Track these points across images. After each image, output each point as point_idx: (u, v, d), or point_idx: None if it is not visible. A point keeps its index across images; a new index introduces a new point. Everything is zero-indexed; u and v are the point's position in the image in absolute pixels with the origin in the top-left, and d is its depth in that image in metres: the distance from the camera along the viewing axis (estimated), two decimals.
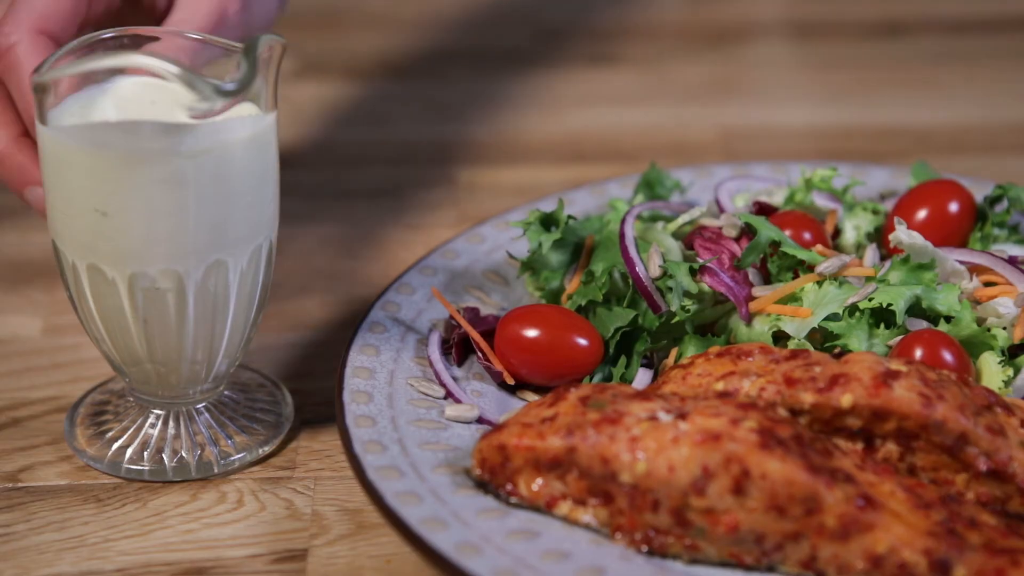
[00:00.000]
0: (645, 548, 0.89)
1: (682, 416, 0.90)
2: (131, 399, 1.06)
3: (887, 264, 1.06)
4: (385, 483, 0.91)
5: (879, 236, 1.16)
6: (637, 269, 1.07)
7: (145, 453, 1.02)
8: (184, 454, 1.02)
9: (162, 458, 1.02)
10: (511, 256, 1.17)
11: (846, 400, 0.91)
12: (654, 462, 0.88)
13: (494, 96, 1.73)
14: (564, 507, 0.91)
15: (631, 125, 1.64)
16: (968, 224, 1.15)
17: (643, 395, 0.93)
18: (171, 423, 1.03)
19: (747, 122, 1.64)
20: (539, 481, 0.92)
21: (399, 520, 0.88)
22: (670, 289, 1.05)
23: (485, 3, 2.01)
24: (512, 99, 1.72)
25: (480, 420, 1.01)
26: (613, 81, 1.77)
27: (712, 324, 1.09)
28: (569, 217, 1.13)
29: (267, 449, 1.04)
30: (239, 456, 1.03)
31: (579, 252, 1.15)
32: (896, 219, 1.06)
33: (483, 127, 1.64)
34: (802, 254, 1.06)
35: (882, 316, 1.02)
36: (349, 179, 1.51)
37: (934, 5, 1.92)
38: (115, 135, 0.92)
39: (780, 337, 1.04)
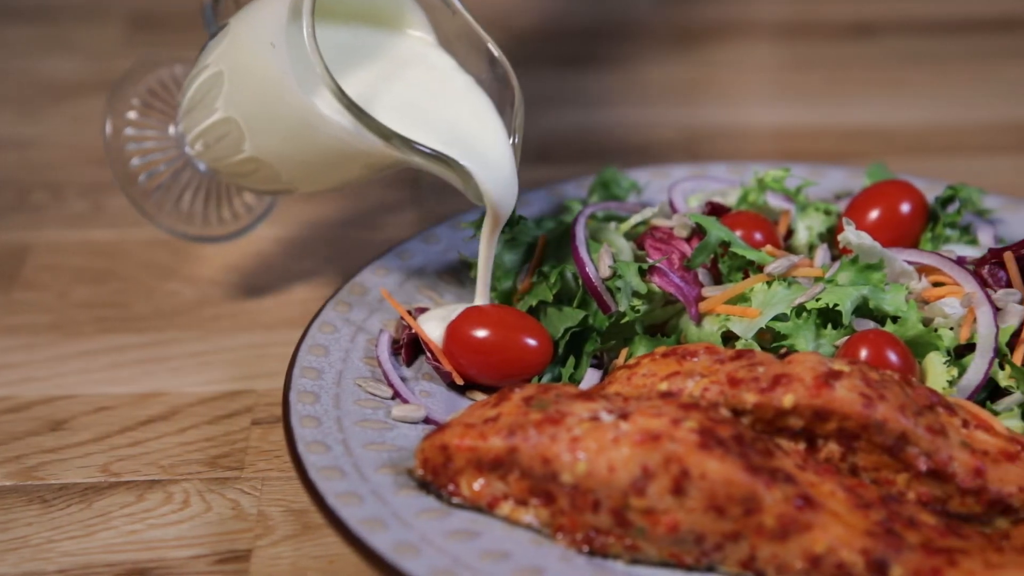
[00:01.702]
0: (586, 548, 0.89)
1: (624, 416, 0.90)
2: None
3: (836, 264, 1.06)
4: (327, 483, 0.91)
5: (831, 236, 1.16)
6: (587, 269, 1.07)
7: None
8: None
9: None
10: (463, 256, 1.17)
11: (788, 400, 0.91)
12: (594, 462, 0.88)
13: None
14: (506, 507, 0.91)
15: (598, 126, 1.64)
16: (919, 225, 1.15)
17: (586, 395, 0.93)
18: None
19: (713, 123, 1.64)
20: (481, 481, 0.92)
21: (339, 520, 0.88)
22: (619, 289, 1.05)
23: None
24: None
25: (427, 420, 1.01)
26: (582, 82, 1.77)
27: (663, 324, 1.09)
28: (520, 218, 1.13)
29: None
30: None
31: (532, 252, 1.15)
32: (845, 220, 1.06)
33: None
34: (752, 254, 1.06)
35: (829, 316, 1.02)
36: None
37: (904, 6, 1.93)
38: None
39: (729, 337, 1.04)
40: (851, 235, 1.05)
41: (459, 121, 1.05)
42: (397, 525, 0.88)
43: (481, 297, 1.08)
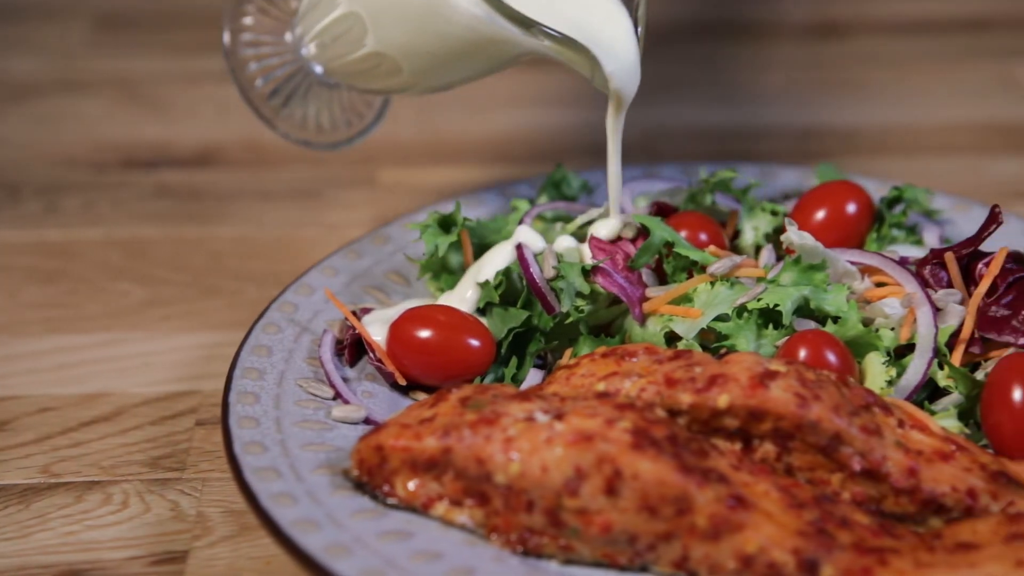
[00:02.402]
0: (520, 549, 0.89)
1: (559, 417, 0.90)
2: None
3: (779, 265, 1.06)
4: (262, 484, 0.91)
5: (778, 237, 1.16)
6: (531, 270, 1.07)
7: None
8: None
9: None
10: (409, 258, 1.17)
11: (723, 400, 0.91)
12: (528, 463, 0.88)
13: (426, 97, 1.72)
14: (440, 508, 0.91)
15: (559, 126, 1.64)
16: (865, 225, 1.15)
17: (523, 396, 0.93)
18: None
19: (673, 122, 1.64)
20: (416, 482, 0.92)
21: (271, 521, 0.88)
22: (563, 290, 1.05)
23: None
24: (441, 99, 1.72)
25: (368, 421, 1.01)
26: (544, 82, 1.77)
27: (608, 325, 1.09)
28: (465, 219, 1.13)
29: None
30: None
31: (482, 253, 1.15)
32: (787, 220, 1.06)
33: (410, 128, 1.64)
34: (695, 255, 1.07)
35: (770, 317, 1.02)
36: (269, 179, 1.51)
37: (868, 7, 1.93)
38: None
39: (673, 338, 1.05)
40: (793, 235, 1.05)
41: (586, 10, 1.07)
42: (330, 526, 0.88)
43: (614, 196, 1.11)
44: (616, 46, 1.06)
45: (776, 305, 1.01)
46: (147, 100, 1.69)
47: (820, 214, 1.14)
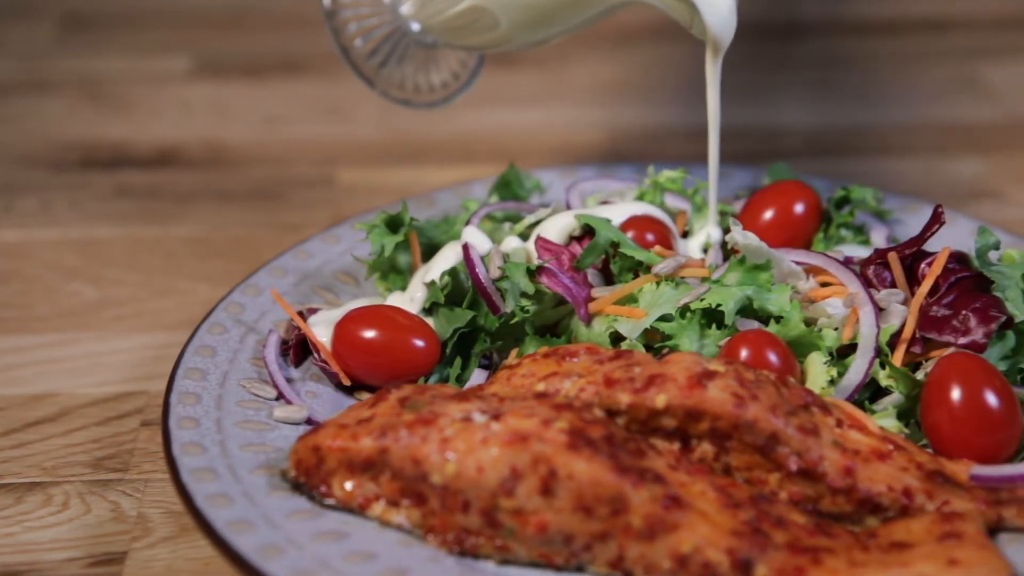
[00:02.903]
0: (457, 549, 0.89)
1: (496, 417, 0.90)
2: None
3: (725, 265, 1.06)
4: (198, 485, 0.91)
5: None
6: (477, 270, 1.07)
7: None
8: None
9: None
10: (356, 258, 1.17)
11: (660, 400, 0.92)
12: (463, 463, 0.88)
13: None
14: (377, 508, 0.91)
15: (524, 126, 1.64)
16: (813, 225, 1.15)
17: (462, 396, 0.93)
18: None
19: (638, 123, 1.64)
20: (352, 482, 0.92)
21: (206, 522, 0.87)
22: (508, 290, 1.05)
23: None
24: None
25: (309, 421, 1.01)
26: (511, 82, 1.77)
27: (554, 325, 1.09)
28: (412, 219, 1.13)
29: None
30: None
31: (432, 254, 1.15)
32: (731, 220, 1.06)
33: (374, 128, 1.64)
34: (640, 255, 1.07)
35: (714, 317, 1.02)
36: (229, 179, 1.51)
37: (834, 7, 1.93)
38: None
39: (618, 338, 1.05)
40: (738, 235, 1.05)
41: None
42: (265, 526, 0.88)
43: (713, 146, 1.13)
44: None
45: (719, 305, 1.01)
46: (110, 100, 1.69)
47: (768, 214, 1.15)
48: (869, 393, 1.01)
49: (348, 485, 0.92)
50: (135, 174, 1.51)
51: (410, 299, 1.11)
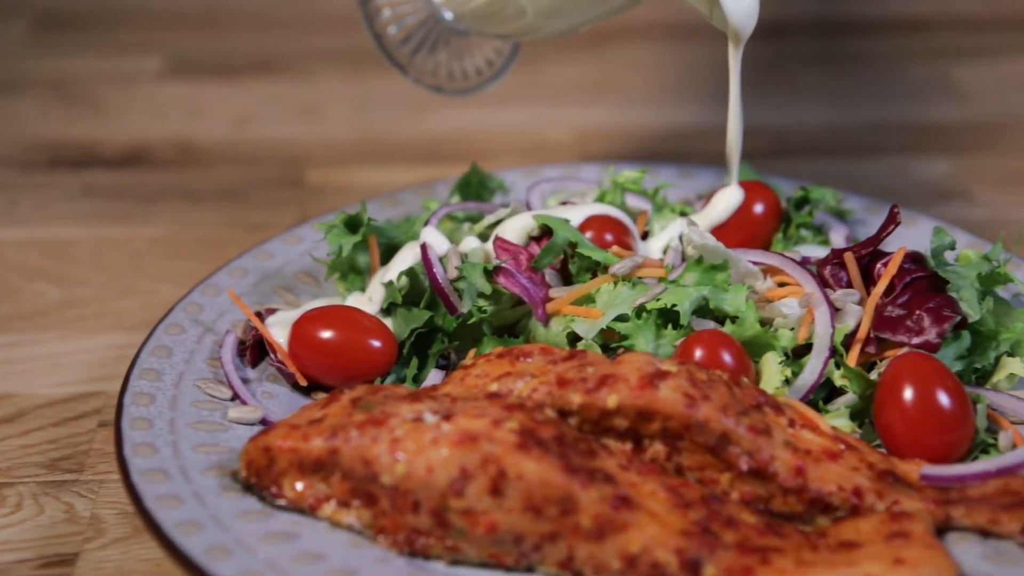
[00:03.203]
0: (407, 550, 0.89)
1: (447, 417, 0.90)
2: None
3: (683, 265, 1.06)
4: (148, 486, 0.90)
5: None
6: (434, 270, 1.07)
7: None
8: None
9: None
10: (315, 258, 1.16)
11: (612, 400, 0.91)
12: (413, 463, 0.88)
13: (361, 97, 1.72)
14: (328, 509, 0.91)
15: (494, 126, 1.64)
16: (772, 225, 1.15)
17: (414, 396, 0.93)
18: None
19: (608, 123, 1.65)
20: (303, 483, 0.91)
21: (155, 523, 0.87)
22: (464, 290, 1.05)
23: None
24: (379, 100, 1.72)
25: (264, 422, 1.00)
26: None
27: (513, 325, 1.09)
28: (370, 219, 1.13)
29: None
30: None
31: (392, 254, 1.15)
32: (688, 220, 1.06)
33: (345, 128, 1.64)
34: (597, 255, 1.07)
35: (670, 317, 1.02)
36: (197, 180, 1.51)
37: (807, 7, 1.94)
38: None
39: (576, 338, 1.04)
40: (695, 236, 1.05)
41: None
42: (214, 527, 0.88)
43: (733, 138, 1.13)
44: None
45: (674, 305, 1.01)
46: (80, 100, 1.68)
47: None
48: (825, 393, 1.01)
49: (299, 486, 0.91)
50: (103, 174, 1.51)
51: (369, 299, 1.11)
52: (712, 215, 1.13)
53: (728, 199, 1.14)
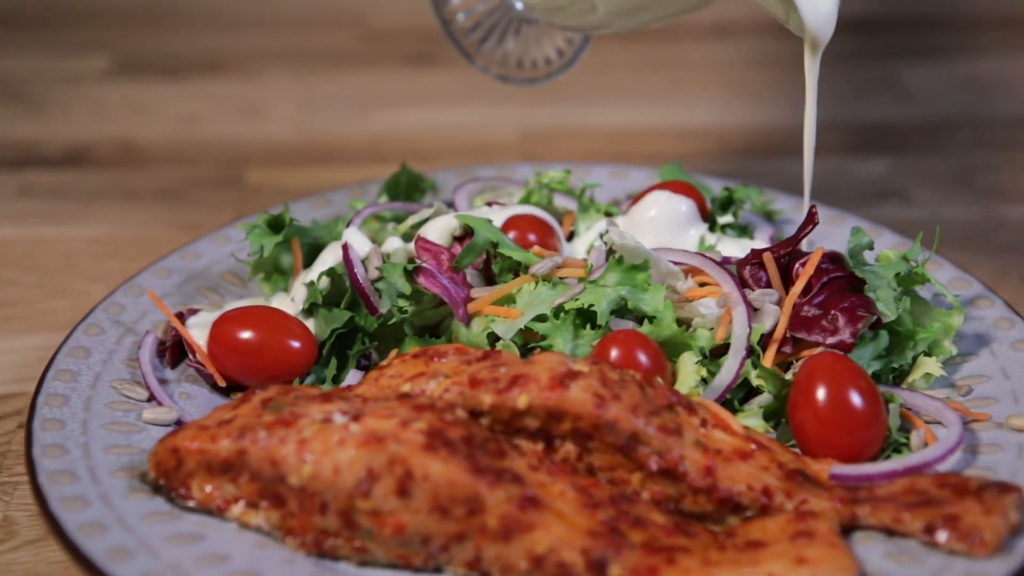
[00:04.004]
0: (315, 551, 0.89)
1: (356, 418, 0.90)
2: None
3: (604, 265, 1.06)
4: (54, 488, 0.90)
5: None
6: (355, 271, 1.06)
7: None
8: None
9: None
10: (238, 259, 1.16)
11: (522, 401, 0.91)
12: (320, 464, 0.88)
13: (307, 97, 1.72)
14: (236, 510, 0.91)
15: (439, 126, 1.64)
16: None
17: (325, 397, 0.93)
18: None
19: (553, 123, 1.64)
20: (212, 484, 0.91)
21: (58, 525, 0.87)
22: (384, 291, 1.05)
23: (312, 3, 2.01)
24: (327, 100, 1.72)
25: (180, 423, 1.00)
26: (430, 83, 1.77)
27: (436, 326, 1.09)
28: (292, 220, 1.12)
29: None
30: None
31: (316, 254, 1.15)
32: (608, 221, 1.06)
33: (289, 128, 1.64)
34: (518, 255, 1.06)
35: (588, 317, 1.02)
36: (136, 179, 1.50)
37: (755, 8, 1.93)
38: None
39: (497, 338, 1.04)
40: (615, 236, 1.05)
41: None
42: (118, 529, 0.87)
43: (809, 142, 1.10)
44: None
45: (591, 305, 1.01)
46: (23, 99, 1.68)
47: (652, 213, 1.14)
48: (743, 393, 1.02)
49: (207, 487, 0.91)
50: (42, 174, 1.50)
51: (291, 300, 1.10)
52: (637, 216, 1.13)
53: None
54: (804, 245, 1.17)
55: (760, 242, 1.16)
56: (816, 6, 1.06)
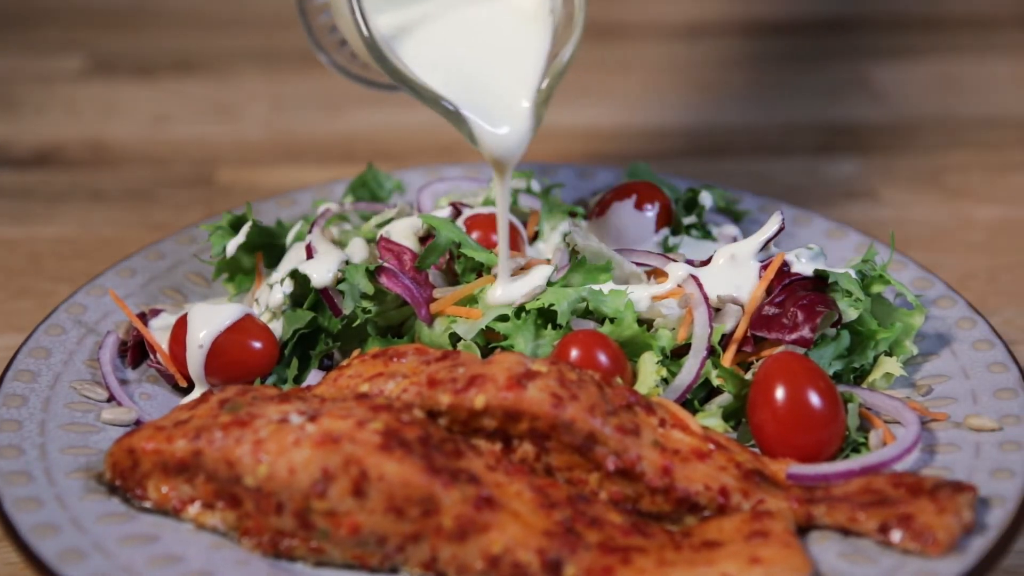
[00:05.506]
0: (272, 551, 0.89)
1: (313, 418, 0.89)
2: None
3: (567, 266, 1.06)
4: (8, 488, 0.89)
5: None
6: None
7: None
8: None
9: None
10: (201, 259, 1.16)
11: (479, 401, 0.91)
12: (276, 464, 0.88)
13: (280, 96, 1.71)
14: (192, 511, 0.90)
15: (412, 126, 1.63)
16: (661, 225, 1.15)
17: (283, 397, 0.93)
18: None
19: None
20: (168, 485, 0.91)
21: (10, 525, 0.86)
22: (346, 291, 1.05)
23: (285, 3, 2.00)
24: (298, 99, 1.71)
25: (139, 423, 1.00)
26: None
27: (399, 326, 1.09)
28: (254, 220, 1.12)
29: None
30: None
31: (280, 255, 1.15)
32: (571, 221, 1.06)
33: (260, 128, 1.63)
34: (480, 255, 1.06)
35: (550, 317, 1.02)
36: (105, 180, 1.49)
37: (729, 8, 1.94)
38: None
39: (458, 338, 1.04)
40: (578, 236, 1.05)
41: (482, 60, 1.00)
42: (72, 530, 0.87)
43: (503, 263, 1.02)
44: (496, 109, 0.98)
45: (552, 305, 1.01)
46: None
47: None
48: (704, 393, 1.02)
49: (163, 488, 0.91)
50: (9, 174, 1.50)
51: (255, 300, 1.10)
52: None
53: None
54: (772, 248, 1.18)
55: (723, 243, 1.16)
56: (494, 127, 0.98)
